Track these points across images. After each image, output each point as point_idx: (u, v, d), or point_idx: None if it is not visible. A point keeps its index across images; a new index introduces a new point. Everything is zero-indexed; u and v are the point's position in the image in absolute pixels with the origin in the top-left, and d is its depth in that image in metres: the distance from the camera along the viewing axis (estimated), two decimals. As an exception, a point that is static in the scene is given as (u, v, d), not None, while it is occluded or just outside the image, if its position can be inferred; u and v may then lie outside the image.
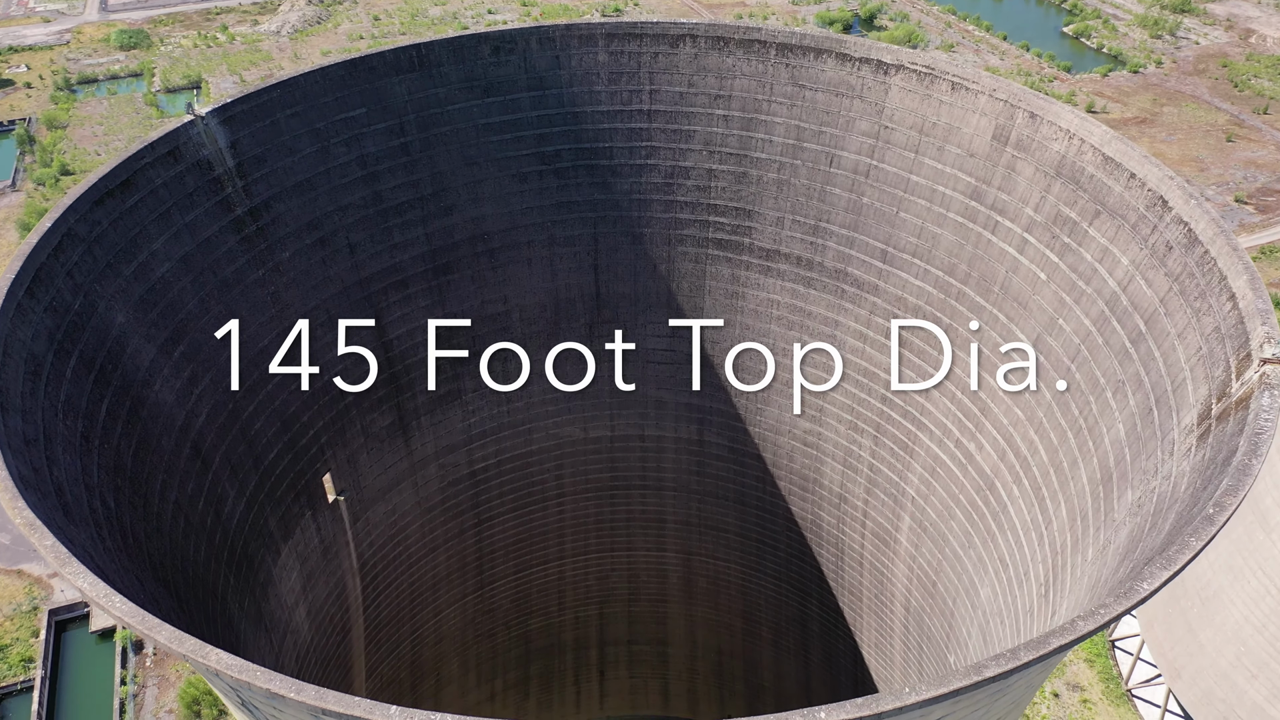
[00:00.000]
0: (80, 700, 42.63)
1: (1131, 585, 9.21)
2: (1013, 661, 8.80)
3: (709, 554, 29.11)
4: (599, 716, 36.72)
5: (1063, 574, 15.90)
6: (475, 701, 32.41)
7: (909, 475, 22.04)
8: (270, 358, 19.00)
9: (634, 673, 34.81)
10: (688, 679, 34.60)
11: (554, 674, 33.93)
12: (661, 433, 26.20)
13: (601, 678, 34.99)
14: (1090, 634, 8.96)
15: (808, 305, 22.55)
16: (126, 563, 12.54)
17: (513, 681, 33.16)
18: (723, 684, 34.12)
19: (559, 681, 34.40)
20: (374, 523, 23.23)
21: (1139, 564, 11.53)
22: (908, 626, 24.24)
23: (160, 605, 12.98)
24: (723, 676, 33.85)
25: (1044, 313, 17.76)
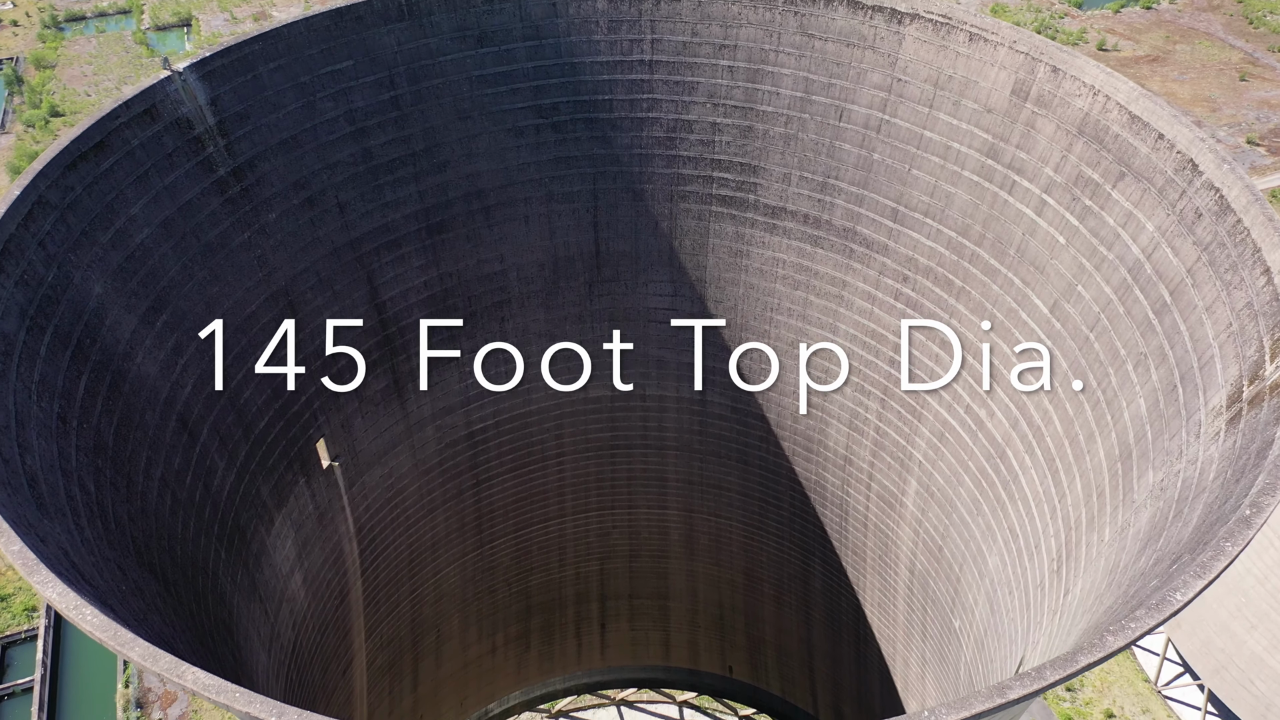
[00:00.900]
0: (86, 650, 42.87)
1: (1164, 596, 8.70)
2: (1039, 682, 8.33)
3: (711, 512, 28.77)
4: (600, 667, 36.85)
5: (1077, 551, 15.45)
6: (476, 655, 32.44)
7: (916, 440, 21.53)
8: (257, 323, 18.35)
9: (635, 626, 34.80)
10: (689, 632, 34.59)
11: (555, 627, 33.91)
12: (663, 392, 25.66)
13: (603, 631, 34.99)
14: (1120, 650, 8.48)
15: (814, 265, 21.82)
16: (107, 552, 12.04)
17: (514, 635, 33.13)
18: (724, 637, 34.12)
19: (560, 635, 34.41)
20: (370, 486, 22.79)
21: (1165, 557, 11.04)
22: (912, 589, 23.96)
23: (144, 593, 12.53)
24: (724, 630, 33.81)
25: (1062, 278, 17.06)
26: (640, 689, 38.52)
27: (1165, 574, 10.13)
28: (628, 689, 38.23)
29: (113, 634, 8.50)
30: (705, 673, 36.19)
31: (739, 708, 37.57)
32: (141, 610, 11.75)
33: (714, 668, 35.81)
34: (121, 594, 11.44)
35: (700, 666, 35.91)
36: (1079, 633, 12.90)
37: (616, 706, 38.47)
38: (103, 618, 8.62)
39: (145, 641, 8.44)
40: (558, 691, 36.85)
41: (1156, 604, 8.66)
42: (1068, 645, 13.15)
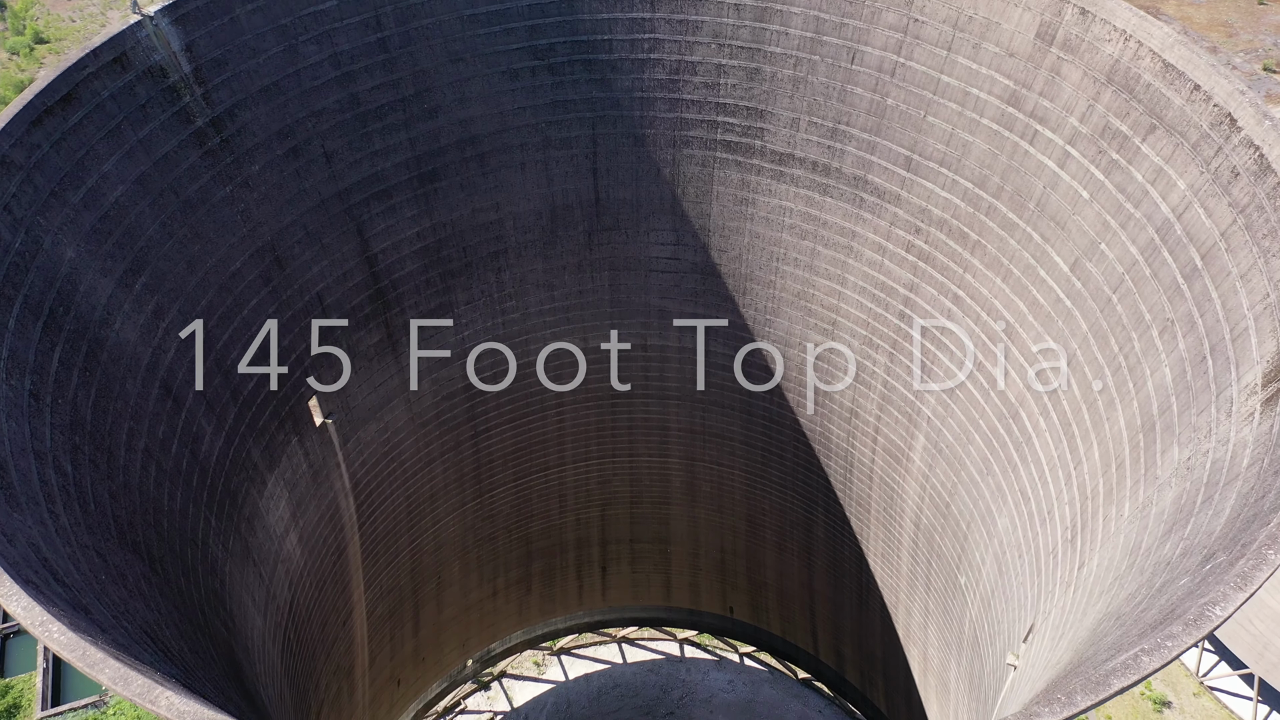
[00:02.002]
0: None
1: (1202, 611, 8.17)
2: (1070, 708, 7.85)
3: (713, 461, 28.36)
4: (601, 607, 36.98)
5: (1093, 523, 14.95)
6: (477, 600, 32.42)
7: (925, 395, 20.93)
8: (242, 281, 17.61)
9: (636, 569, 34.78)
10: (690, 574, 34.56)
11: (556, 571, 33.88)
12: (665, 342, 25.00)
13: (604, 573, 34.97)
14: (1156, 670, 7.98)
15: (823, 214, 20.96)
16: (85, 539, 11.52)
17: (514, 579, 33.07)
18: (725, 579, 34.09)
19: (561, 577, 34.39)
20: (365, 442, 22.28)
21: (1194, 549, 10.51)
22: (917, 542, 23.63)
23: (127, 578, 12.05)
24: (725, 573, 33.76)
25: (1084, 235, 16.25)
26: (641, 627, 38.69)
27: (1197, 572, 9.61)
28: (628, 627, 38.40)
29: (81, 654, 7.98)
30: (706, 613, 36.30)
31: (739, 645, 37.78)
32: (122, 600, 11.28)
33: (714, 608, 35.90)
34: (100, 585, 10.94)
35: (701, 607, 36.00)
36: (1096, 616, 12.46)
37: (617, 644, 38.65)
38: (70, 635, 8.08)
39: (116, 663, 7.92)
40: (559, 630, 37.03)
41: (1194, 619, 8.13)
42: (1084, 626, 12.74)
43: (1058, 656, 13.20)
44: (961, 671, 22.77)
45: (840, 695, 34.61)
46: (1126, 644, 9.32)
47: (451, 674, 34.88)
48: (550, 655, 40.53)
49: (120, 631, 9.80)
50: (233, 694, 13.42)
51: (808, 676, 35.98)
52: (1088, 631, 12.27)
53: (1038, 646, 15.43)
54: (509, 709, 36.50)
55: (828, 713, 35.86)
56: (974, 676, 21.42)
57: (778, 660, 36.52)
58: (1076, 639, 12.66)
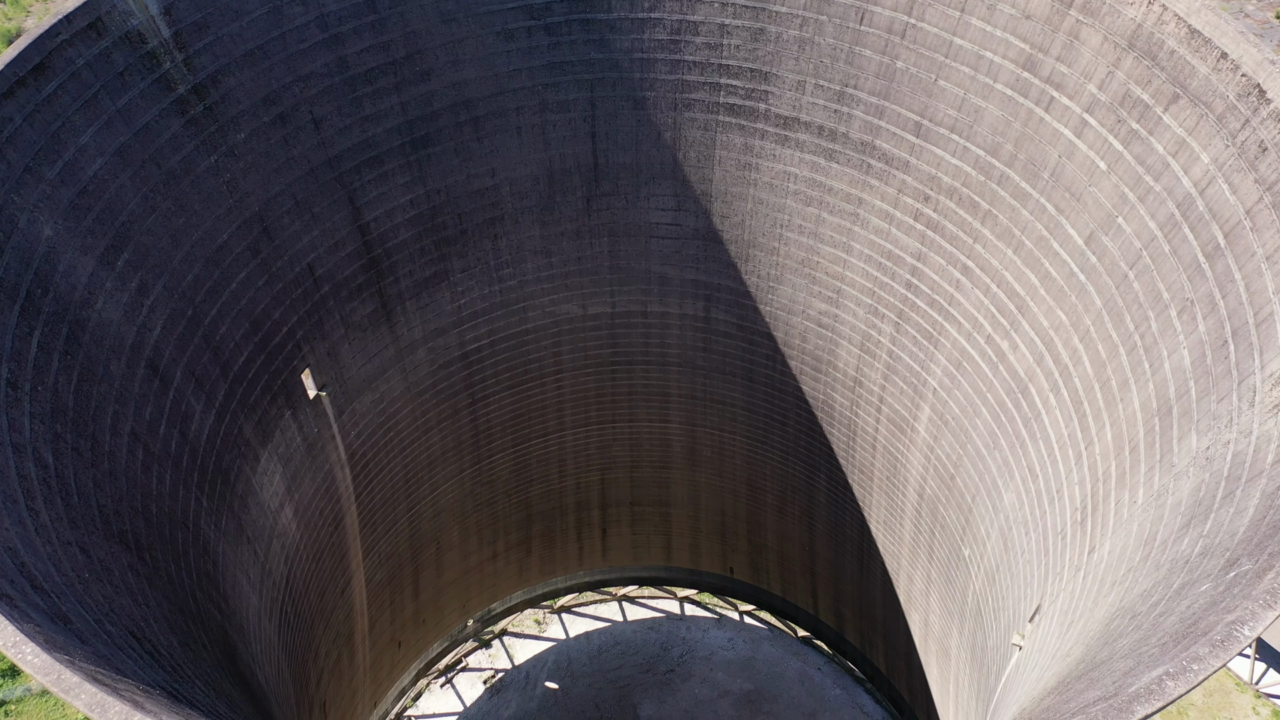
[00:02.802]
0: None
1: (1229, 631, 7.80)
2: (1090, 739, 7.51)
3: (714, 427, 28.03)
4: (602, 567, 36.99)
5: (1104, 506, 14.60)
6: (477, 562, 32.36)
7: (932, 366, 20.49)
8: (230, 254, 17.06)
9: (636, 530, 34.69)
10: (690, 536, 34.49)
11: (556, 533, 33.79)
12: (666, 309, 24.49)
13: (604, 535, 34.90)
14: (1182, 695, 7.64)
15: (829, 180, 20.32)
16: (67, 534, 11.15)
17: (514, 542, 32.98)
18: (725, 541, 34.02)
19: (561, 539, 34.33)
20: (361, 413, 21.89)
21: (1214, 550, 10.14)
22: (920, 511, 23.37)
23: (112, 573, 11.72)
24: (725, 535, 33.67)
25: (1100, 208, 15.67)
26: (641, 586, 38.72)
27: (1219, 579, 9.25)
28: (629, 586, 38.43)
29: (56, 678, 7.64)
30: (706, 573, 36.31)
31: (739, 604, 37.82)
32: (107, 598, 10.94)
33: (715, 569, 35.90)
34: (84, 584, 10.60)
35: (701, 567, 36.00)
36: (1109, 609, 12.15)
37: (618, 602, 38.69)
38: (45, 658, 7.73)
39: (92, 688, 7.57)
40: (560, 590, 37.08)
41: (1221, 640, 7.77)
42: (1096, 619, 12.44)
43: (1067, 648, 12.93)
44: (963, 641, 22.65)
45: (840, 654, 34.72)
46: (1145, 654, 8.99)
47: (452, 634, 34.95)
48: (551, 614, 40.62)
49: (102, 639, 9.46)
50: (225, 685, 13.18)
51: (807, 635, 36.06)
52: (1099, 625, 11.97)
53: (1045, 630, 15.18)
54: (510, 666, 36.63)
55: (827, 670, 35.97)
56: (976, 648, 21.29)
57: (778, 619, 36.58)
58: (1087, 632, 12.37)
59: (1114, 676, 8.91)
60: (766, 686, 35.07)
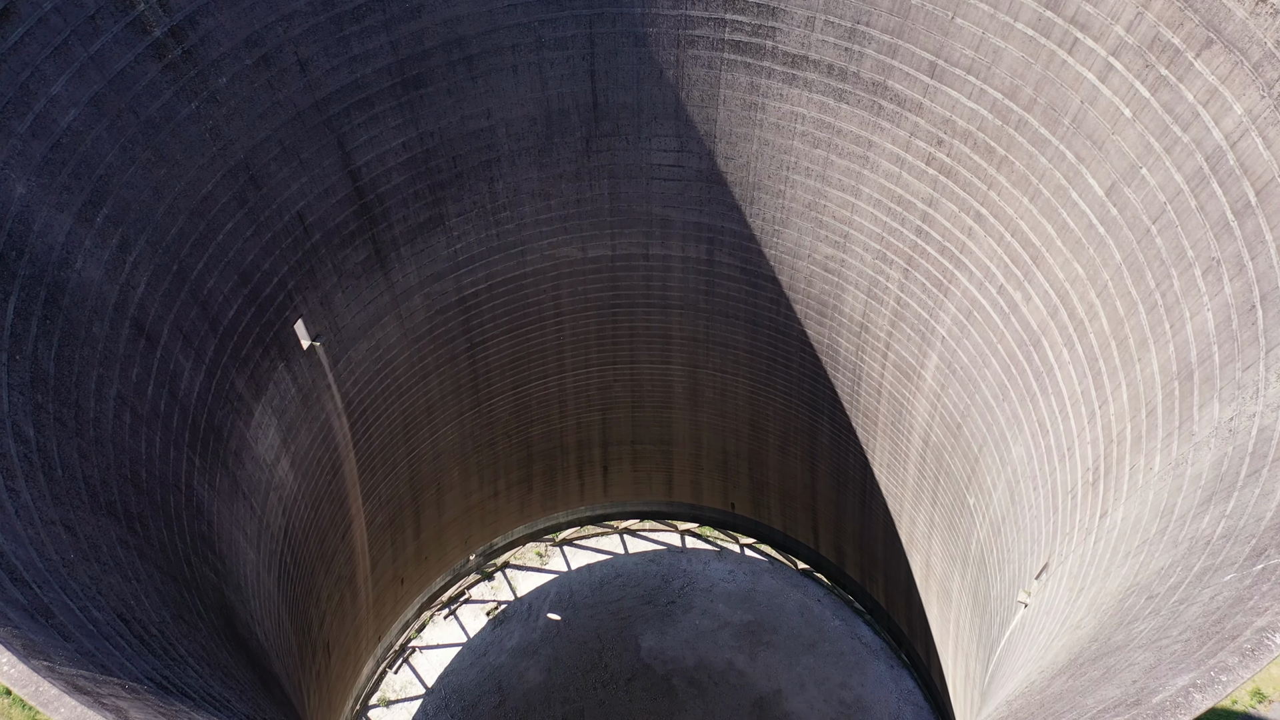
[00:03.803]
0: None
1: (1260, 639, 7.46)
2: (1112, 758, 7.23)
3: (716, 368, 27.63)
4: (603, 502, 37.04)
5: (1118, 470, 14.24)
6: (478, 501, 32.33)
7: (941, 315, 19.97)
8: (215, 204, 16.40)
9: (638, 468, 34.61)
10: (692, 473, 34.42)
11: (557, 471, 33.72)
12: (668, 252, 23.85)
13: (605, 472, 34.84)
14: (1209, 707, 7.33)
15: (837, 121, 19.50)
16: (50, 513, 10.79)
17: (515, 481, 32.92)
18: (727, 478, 33.96)
19: (562, 477, 34.27)
20: (356, 361, 21.45)
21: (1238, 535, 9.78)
22: (925, 457, 23.10)
23: (99, 550, 11.40)
24: (727, 472, 33.58)
25: (1124, 157, 14.96)
26: (643, 520, 38.82)
27: (1245, 570, 8.90)
28: (630, 520, 38.54)
29: (34, 690, 7.33)
30: (707, 508, 36.36)
31: (740, 537, 37.95)
32: (94, 579, 10.64)
33: (716, 504, 35.93)
34: (69, 567, 10.28)
35: (702, 503, 36.02)
36: (1122, 583, 11.87)
37: (619, 535, 38.83)
38: (22, 667, 7.40)
39: (72, 701, 7.26)
40: (561, 524, 37.20)
41: (1251, 649, 7.43)
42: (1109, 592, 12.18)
43: (1078, 618, 12.70)
44: (965, 585, 22.59)
45: (839, 586, 34.91)
46: (1166, 649, 8.68)
47: (455, 568, 35.13)
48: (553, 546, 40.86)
49: (86, 632, 9.17)
50: (221, 655, 13.00)
51: (807, 568, 36.23)
52: (1113, 600, 11.69)
53: (1053, 591, 14.97)
54: (513, 598, 36.90)
55: (826, 601, 36.22)
56: (979, 594, 21.21)
57: (778, 552, 36.73)
58: (1099, 605, 12.11)
59: (1133, 673, 8.62)
60: (766, 618, 35.35)
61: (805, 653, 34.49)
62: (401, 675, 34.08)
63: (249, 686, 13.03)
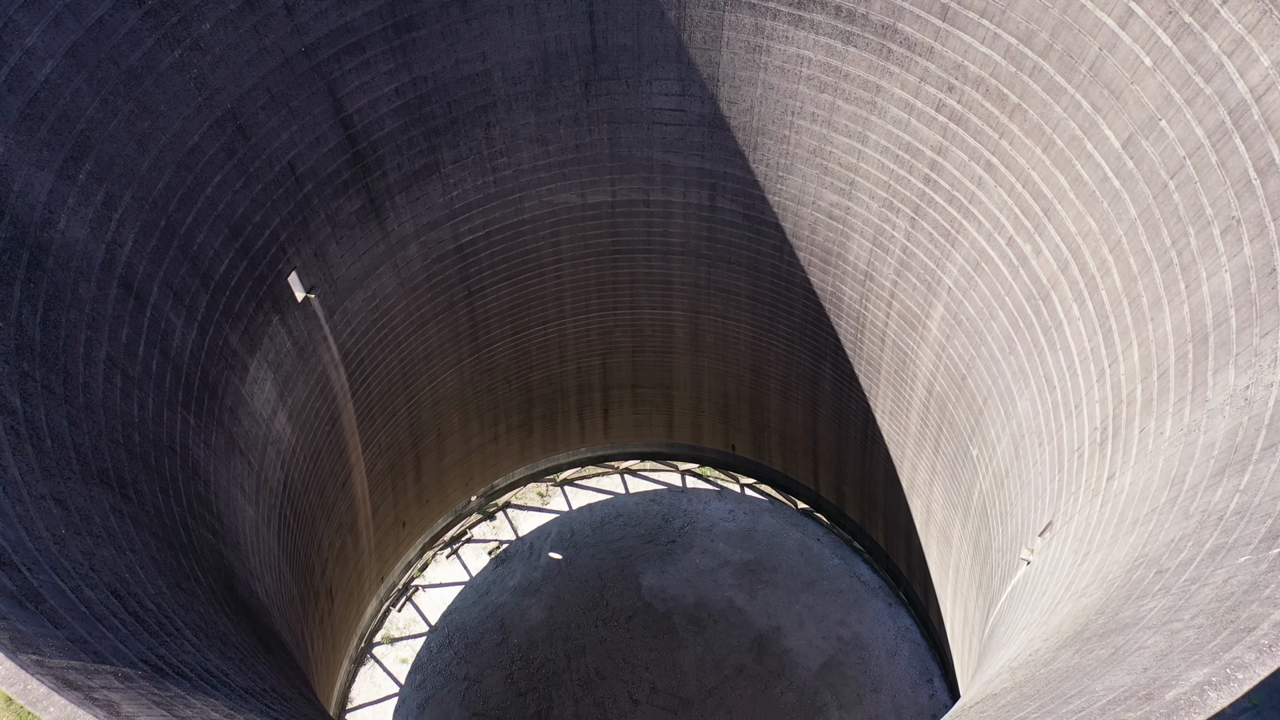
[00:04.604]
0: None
1: (1278, 634, 7.27)
2: (1126, 759, 7.09)
3: (718, 314, 27.29)
4: (604, 444, 37.02)
5: (1127, 432, 14.00)
6: (479, 444, 32.27)
7: (948, 265, 19.56)
8: (202, 156, 15.89)
9: (638, 410, 34.50)
10: (693, 416, 34.32)
11: (558, 414, 33.61)
12: (669, 198, 23.31)
13: (605, 415, 34.73)
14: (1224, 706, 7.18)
15: (845, 65, 18.83)
16: (40, 487, 10.58)
17: (515, 424, 32.82)
18: (728, 421, 33.87)
19: (563, 420, 34.18)
20: (352, 311, 21.09)
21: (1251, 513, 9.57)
22: (928, 406, 22.90)
23: (91, 522, 11.22)
24: (728, 415, 33.48)
25: (1142, 108, 14.43)
26: (643, 460, 38.84)
27: (1261, 553, 8.69)
28: (631, 460, 38.57)
29: (22, 687, 7.17)
30: (708, 449, 36.35)
31: (740, 477, 38.01)
32: (87, 553, 10.47)
33: (717, 445, 35.90)
34: (60, 544, 10.10)
35: (703, 444, 35.98)
36: (1130, 552, 11.71)
37: (620, 475, 38.87)
38: (9, 664, 7.23)
39: (61, 699, 7.11)
40: (562, 465, 37.23)
41: (1269, 645, 7.25)
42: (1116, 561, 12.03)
43: (1083, 584, 12.58)
44: (966, 534, 22.58)
45: (839, 526, 35.06)
46: (1178, 634, 8.53)
47: (456, 509, 35.25)
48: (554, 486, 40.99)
49: (78, 616, 9.01)
50: (220, 620, 12.93)
51: (807, 508, 36.34)
52: (1120, 570, 11.55)
53: (1056, 552, 14.87)
54: (514, 538, 37.05)
55: (826, 540, 36.38)
56: (980, 544, 21.19)
57: (778, 492, 36.81)
58: (1106, 573, 11.98)
59: (1143, 659, 8.48)
60: (766, 556, 35.54)
61: (804, 591, 34.72)
62: (405, 613, 34.38)
63: (248, 651, 12.98)
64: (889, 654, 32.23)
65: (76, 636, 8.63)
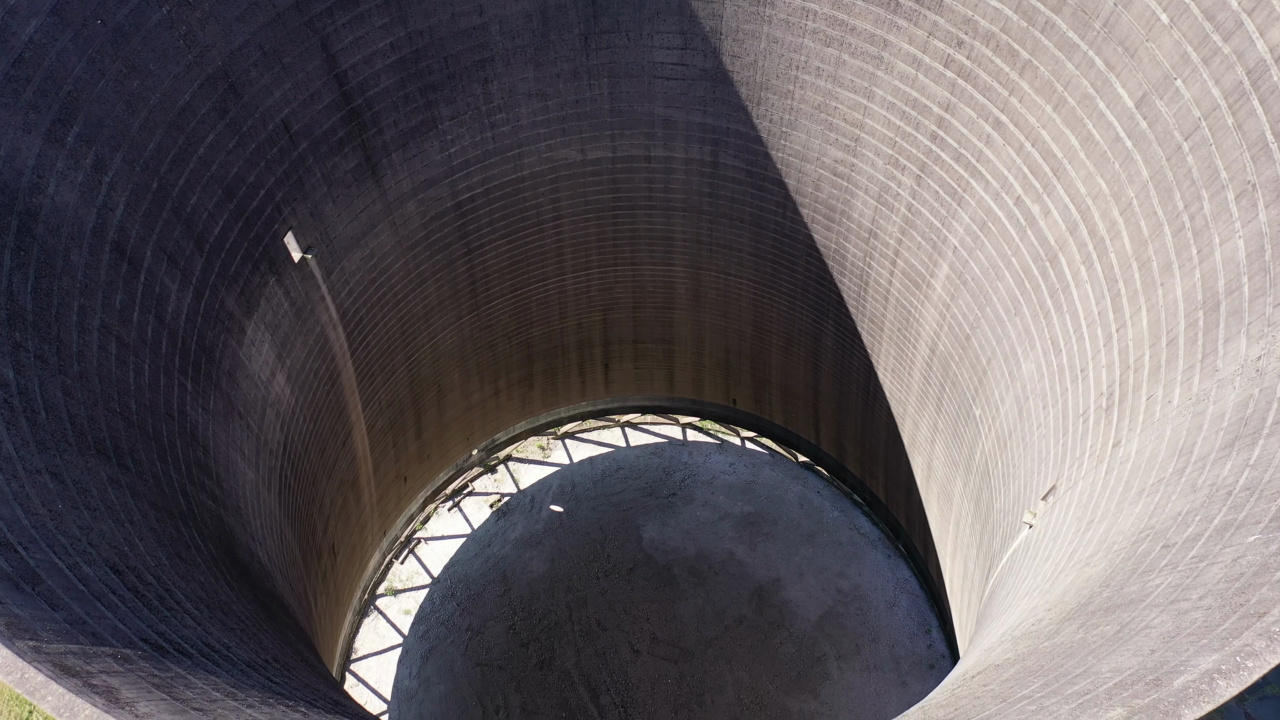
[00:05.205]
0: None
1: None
2: (1133, 749, 7.03)
3: (720, 270, 27.01)
4: (604, 398, 36.96)
5: (1134, 399, 13.86)
6: (479, 400, 32.20)
7: (953, 224, 19.26)
8: (194, 116, 15.54)
9: (639, 365, 34.37)
10: (694, 370, 34.21)
11: (558, 370, 33.50)
12: (670, 154, 22.90)
13: (606, 370, 34.63)
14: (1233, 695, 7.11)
15: (851, 19, 18.35)
16: (36, 461, 10.46)
17: (516, 380, 32.72)
18: (729, 376, 33.77)
19: (564, 375, 34.08)
20: (350, 271, 20.84)
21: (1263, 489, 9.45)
22: (931, 365, 22.75)
23: (89, 493, 11.12)
24: (729, 370, 33.36)
25: (1157, 67, 14.05)
26: (644, 414, 38.82)
27: (1271, 533, 8.59)
28: (631, 414, 38.55)
29: (20, 676, 7.10)
30: (709, 402, 36.30)
31: (741, 431, 38.01)
32: (85, 528, 10.39)
33: (718, 399, 35.84)
34: (57, 520, 10.01)
35: (704, 398, 35.92)
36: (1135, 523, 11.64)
37: (621, 428, 38.88)
38: (6, 652, 7.16)
39: (59, 688, 7.04)
40: (563, 418, 37.20)
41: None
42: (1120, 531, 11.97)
43: (1086, 554, 12.53)
44: (968, 492, 22.57)
45: (839, 479, 35.14)
46: (1185, 615, 8.46)
47: (458, 463, 35.29)
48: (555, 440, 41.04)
49: (77, 595, 8.94)
50: (221, 589, 12.90)
51: (808, 461, 36.38)
52: (1125, 541, 11.48)
53: (1060, 517, 14.82)
54: (515, 490, 37.16)
55: (826, 493, 36.49)
56: (981, 503, 21.19)
57: (779, 445, 36.84)
58: (1110, 543, 11.91)
59: (1150, 639, 8.41)
60: (766, 509, 35.67)
61: (804, 543, 34.88)
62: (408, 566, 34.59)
63: (250, 620, 12.98)
64: (887, 605, 32.48)
65: (75, 618, 8.56)
